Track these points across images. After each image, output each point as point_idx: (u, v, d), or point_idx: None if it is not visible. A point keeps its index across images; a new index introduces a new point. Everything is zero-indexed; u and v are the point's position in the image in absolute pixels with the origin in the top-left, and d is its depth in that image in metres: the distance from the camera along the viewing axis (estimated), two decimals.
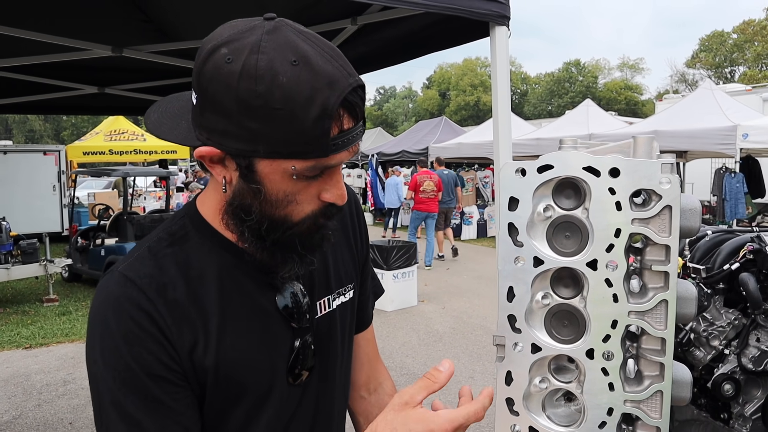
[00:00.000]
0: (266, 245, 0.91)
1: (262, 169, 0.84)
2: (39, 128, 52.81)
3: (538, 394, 0.85)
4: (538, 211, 0.82)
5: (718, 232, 2.37)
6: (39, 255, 8.37)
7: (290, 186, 0.86)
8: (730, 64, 47.45)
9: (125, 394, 0.86)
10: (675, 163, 0.79)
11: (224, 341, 0.92)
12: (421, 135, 19.50)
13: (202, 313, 0.91)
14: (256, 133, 0.80)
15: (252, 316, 0.96)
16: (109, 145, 15.25)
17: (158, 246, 0.94)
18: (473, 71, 58.42)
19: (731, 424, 2.09)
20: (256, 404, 0.97)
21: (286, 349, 0.99)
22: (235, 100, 0.79)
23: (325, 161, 0.84)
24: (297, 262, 0.93)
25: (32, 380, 5.65)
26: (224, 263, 0.95)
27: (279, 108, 0.78)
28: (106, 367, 0.87)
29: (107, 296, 0.89)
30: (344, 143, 0.84)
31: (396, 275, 8.08)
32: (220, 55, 0.80)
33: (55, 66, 3.81)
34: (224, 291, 0.94)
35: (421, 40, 3.12)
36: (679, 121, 11.23)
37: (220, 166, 0.88)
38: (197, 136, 0.87)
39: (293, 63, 0.78)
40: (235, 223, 0.90)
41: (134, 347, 0.86)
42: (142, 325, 0.87)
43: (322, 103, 0.79)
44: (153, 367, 0.87)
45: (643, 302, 0.79)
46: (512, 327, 0.84)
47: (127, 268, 0.91)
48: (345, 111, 0.82)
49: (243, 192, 0.88)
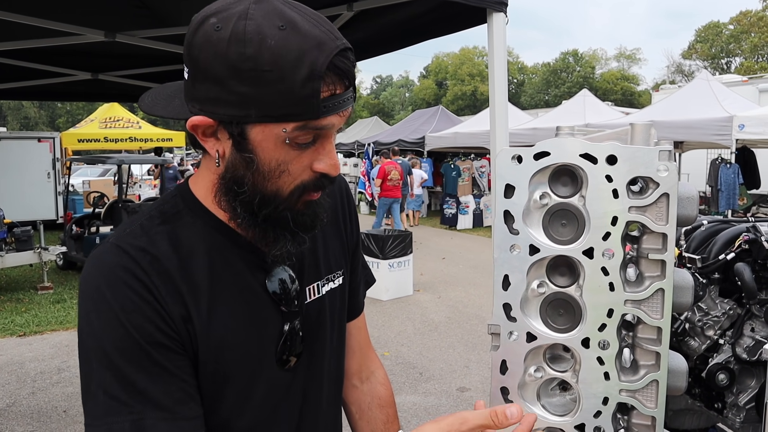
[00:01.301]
0: (258, 221, 0.90)
1: (255, 136, 0.84)
2: (34, 115, 52.48)
3: (534, 383, 0.85)
4: (535, 199, 0.81)
5: (714, 222, 2.36)
6: (33, 242, 8.34)
7: (283, 154, 0.86)
8: (726, 55, 47.42)
9: (125, 362, 0.84)
10: (672, 151, 0.77)
11: (214, 318, 0.92)
12: (418, 124, 19.46)
13: (192, 289, 0.91)
14: (247, 96, 0.81)
15: (241, 297, 0.95)
16: (104, 132, 15.17)
17: (150, 223, 0.93)
18: (470, 60, 58.22)
19: (725, 413, 2.10)
20: (246, 386, 0.96)
21: (275, 333, 0.99)
22: (225, 66, 0.80)
23: (317, 123, 0.84)
24: (289, 240, 0.93)
25: (26, 368, 5.64)
26: (215, 243, 0.95)
27: (268, 70, 0.79)
28: (103, 336, 0.85)
29: (100, 265, 0.88)
30: (335, 106, 0.84)
31: (392, 264, 8.08)
32: (209, 24, 0.82)
33: (47, 51, 3.78)
34: (215, 269, 0.93)
35: (417, 27, 3.10)
36: (675, 111, 11.23)
37: (213, 139, 0.88)
38: (189, 109, 0.87)
39: (281, 27, 0.80)
40: (228, 198, 0.90)
41: (132, 315, 0.84)
42: (139, 293, 0.85)
43: (311, 64, 0.80)
44: (153, 335, 0.85)
45: (640, 291, 0.78)
46: (507, 316, 0.83)
47: (119, 240, 0.90)
48: (334, 73, 0.83)
49: (236, 163, 0.87)
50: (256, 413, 0.99)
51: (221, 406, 0.95)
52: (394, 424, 1.27)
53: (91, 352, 0.86)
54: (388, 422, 1.26)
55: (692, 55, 48.76)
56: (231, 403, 0.96)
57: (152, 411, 0.84)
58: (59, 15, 3.14)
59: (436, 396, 4.94)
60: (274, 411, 1.01)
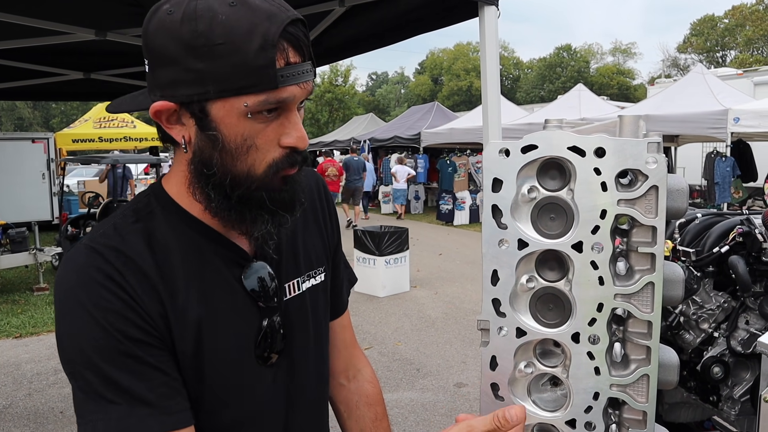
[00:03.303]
0: (233, 204, 0.90)
1: (216, 113, 0.85)
2: (28, 116, 52.28)
3: (524, 378, 0.84)
4: (523, 193, 0.80)
5: (708, 215, 2.36)
6: (28, 244, 8.32)
7: (247, 128, 0.86)
8: (721, 49, 47.45)
9: (105, 361, 0.83)
10: (662, 143, 0.76)
11: (190, 315, 0.91)
12: (413, 120, 19.44)
13: (168, 286, 0.90)
14: (203, 72, 0.82)
15: (218, 293, 0.95)
16: (99, 132, 15.11)
17: (123, 222, 0.93)
18: (465, 56, 58.15)
19: (720, 406, 2.10)
20: (224, 382, 0.96)
21: (253, 329, 0.98)
22: (179, 45, 0.82)
23: (276, 95, 0.84)
24: (268, 220, 0.92)
25: (23, 369, 5.62)
26: (190, 239, 0.94)
27: (221, 43, 0.80)
28: (81, 337, 0.84)
29: (74, 267, 0.88)
30: (292, 76, 0.85)
31: (388, 261, 8.08)
32: (163, 11, 0.84)
33: (38, 50, 3.75)
34: (190, 266, 0.93)
35: (409, 22, 3.09)
36: (670, 105, 11.23)
37: (179, 126, 0.89)
38: (151, 99, 0.88)
39: (231, 4, 0.82)
40: (200, 185, 0.90)
41: (108, 314, 0.84)
42: (114, 292, 0.85)
43: (263, 34, 0.81)
44: (131, 333, 0.85)
45: (630, 285, 0.77)
46: (497, 311, 0.82)
47: (92, 242, 0.90)
48: (288, 43, 0.84)
49: (202, 145, 0.88)
50: (236, 410, 0.98)
51: (201, 403, 0.95)
52: (383, 421, 1.27)
53: (71, 354, 0.86)
54: (377, 420, 1.26)
55: (687, 48, 48.80)
56: (210, 399, 0.95)
57: (138, 408, 0.84)
58: (49, 14, 3.12)
59: (434, 392, 4.94)
60: (255, 408, 1.01)
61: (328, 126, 39.03)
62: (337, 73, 41.83)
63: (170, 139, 0.92)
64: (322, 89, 41.03)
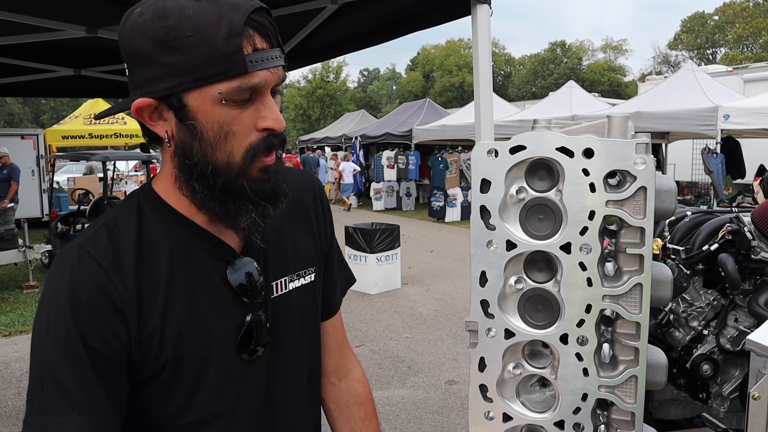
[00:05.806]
0: (216, 195, 0.93)
1: (193, 102, 0.89)
2: (18, 112, 51.92)
3: (512, 380, 0.84)
4: (511, 194, 0.80)
5: (698, 213, 2.36)
6: (18, 241, 8.25)
7: (223, 115, 0.89)
8: (711, 46, 47.66)
9: (60, 361, 0.87)
10: (650, 144, 0.76)
11: (171, 309, 0.94)
12: (405, 117, 19.43)
13: (153, 282, 0.94)
14: (176, 65, 0.86)
15: (201, 287, 0.98)
16: (89, 128, 15.02)
17: (113, 222, 0.97)
18: (457, 52, 58.10)
19: (710, 403, 2.11)
20: (200, 374, 0.98)
21: (235, 323, 1.00)
22: (152, 42, 0.87)
23: (248, 80, 0.88)
24: (251, 211, 0.95)
25: (11, 368, 5.58)
26: (177, 236, 0.98)
27: (189, 35, 0.85)
28: (47, 333, 0.88)
29: (62, 267, 0.92)
30: (262, 61, 0.88)
31: (379, 258, 8.07)
32: (135, 14, 0.90)
33: (28, 47, 3.72)
34: (175, 262, 0.96)
35: (401, 20, 3.08)
36: (661, 102, 11.26)
37: (161, 122, 0.93)
38: (132, 99, 0.92)
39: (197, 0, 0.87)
40: (185, 177, 0.94)
41: (78, 316, 0.88)
42: (92, 295, 0.89)
43: (229, 23, 0.86)
44: (91, 339, 0.88)
45: (618, 286, 0.77)
46: (485, 312, 0.82)
47: (83, 242, 0.94)
48: (254, 30, 0.88)
49: (182, 136, 0.92)
50: (215, 403, 1.00)
51: (178, 394, 0.97)
52: (373, 420, 1.27)
53: (36, 350, 0.90)
54: (366, 419, 1.27)
55: (678, 45, 48.98)
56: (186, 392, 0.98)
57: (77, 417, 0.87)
58: (39, 11, 3.09)
59: (425, 389, 4.94)
60: (234, 403, 1.02)
61: (319, 122, 38.98)
62: (329, 70, 41.76)
63: (156, 139, 0.96)
64: (313, 85, 40.93)
